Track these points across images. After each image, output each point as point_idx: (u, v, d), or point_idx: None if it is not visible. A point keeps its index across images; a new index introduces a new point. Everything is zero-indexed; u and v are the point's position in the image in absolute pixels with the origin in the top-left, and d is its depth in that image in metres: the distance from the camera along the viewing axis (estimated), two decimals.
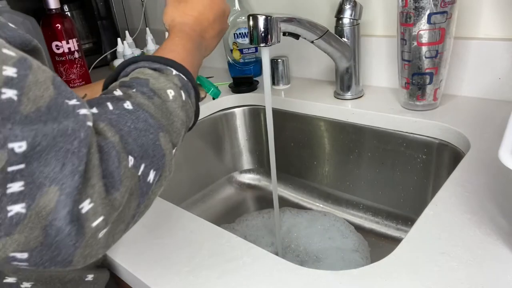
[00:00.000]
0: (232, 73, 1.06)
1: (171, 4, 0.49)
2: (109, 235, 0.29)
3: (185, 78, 0.39)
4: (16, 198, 0.24)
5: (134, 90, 0.35)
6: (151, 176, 0.32)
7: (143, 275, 0.44)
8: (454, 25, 0.66)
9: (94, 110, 0.31)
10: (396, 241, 0.77)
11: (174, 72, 0.39)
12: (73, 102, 0.27)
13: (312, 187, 0.92)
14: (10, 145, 0.23)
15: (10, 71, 0.24)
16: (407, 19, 0.66)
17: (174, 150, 0.36)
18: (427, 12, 0.63)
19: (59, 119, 0.25)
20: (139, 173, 0.31)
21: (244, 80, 0.98)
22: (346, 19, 0.76)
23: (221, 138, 0.98)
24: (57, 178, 0.25)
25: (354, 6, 0.75)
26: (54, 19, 0.92)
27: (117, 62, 0.99)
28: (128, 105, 0.33)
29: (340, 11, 0.76)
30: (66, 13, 1.05)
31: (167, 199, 0.58)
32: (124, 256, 0.48)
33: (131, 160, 0.30)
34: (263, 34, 0.60)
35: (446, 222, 0.45)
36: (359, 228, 0.82)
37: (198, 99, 0.42)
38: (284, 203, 0.92)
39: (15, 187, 0.24)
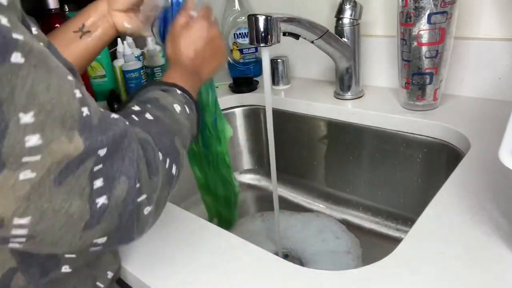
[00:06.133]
0: (232, 73, 1.06)
1: (170, 39, 0.53)
2: (152, 214, 0.35)
3: (187, 96, 0.47)
4: (99, 192, 0.29)
5: (149, 105, 0.42)
6: (174, 170, 0.39)
7: (143, 275, 0.44)
8: (454, 25, 0.66)
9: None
10: (396, 241, 0.77)
11: (178, 91, 0.46)
12: (113, 115, 0.33)
13: (312, 187, 0.92)
14: (99, 151, 0.29)
15: (78, 93, 0.29)
16: (407, 19, 0.66)
17: (184, 151, 0.43)
18: (427, 12, 0.63)
19: (112, 127, 0.31)
20: (167, 166, 0.38)
21: (244, 80, 0.98)
22: (346, 19, 0.76)
23: None
24: (123, 170, 0.31)
25: (354, 6, 0.75)
26: (54, 19, 0.92)
27: (117, 62, 0.98)
28: (148, 116, 0.40)
29: (340, 11, 0.76)
30: (66, 13, 1.05)
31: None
32: (124, 256, 0.48)
33: (160, 155, 0.37)
34: (263, 34, 0.60)
35: (446, 222, 0.45)
36: (358, 228, 0.82)
37: (198, 112, 0.49)
38: (284, 203, 0.92)
39: (98, 183, 0.29)
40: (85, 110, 0.29)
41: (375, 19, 0.83)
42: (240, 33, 1.00)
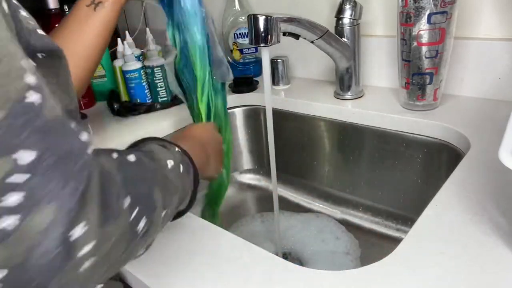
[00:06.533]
0: (232, 73, 1.06)
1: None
2: (90, 272, 0.26)
3: (186, 158, 0.43)
4: (12, 209, 0.22)
5: (138, 151, 0.37)
6: (141, 225, 0.31)
7: (143, 275, 0.44)
8: (454, 25, 0.66)
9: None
10: (396, 241, 0.77)
11: (177, 149, 0.43)
12: (74, 125, 0.26)
13: (312, 187, 0.92)
14: (20, 152, 0.22)
15: (31, 79, 0.23)
16: (407, 19, 0.66)
17: (163, 212, 0.35)
18: (427, 12, 0.63)
19: (66, 137, 0.25)
20: (131, 217, 0.30)
21: (244, 80, 0.98)
22: (346, 19, 0.76)
23: None
24: (58, 196, 0.23)
25: (354, 6, 0.75)
26: (54, 19, 0.92)
27: (117, 62, 0.98)
28: (130, 157, 0.34)
29: (340, 11, 0.76)
30: (66, 13, 1.05)
31: None
32: None
33: (127, 201, 0.29)
34: (263, 34, 0.60)
35: (446, 222, 0.45)
36: (358, 229, 0.82)
37: (196, 181, 0.44)
38: (284, 203, 0.92)
39: (14, 198, 0.22)
40: (31, 98, 0.23)
41: (375, 19, 0.83)
42: (240, 33, 1.00)
